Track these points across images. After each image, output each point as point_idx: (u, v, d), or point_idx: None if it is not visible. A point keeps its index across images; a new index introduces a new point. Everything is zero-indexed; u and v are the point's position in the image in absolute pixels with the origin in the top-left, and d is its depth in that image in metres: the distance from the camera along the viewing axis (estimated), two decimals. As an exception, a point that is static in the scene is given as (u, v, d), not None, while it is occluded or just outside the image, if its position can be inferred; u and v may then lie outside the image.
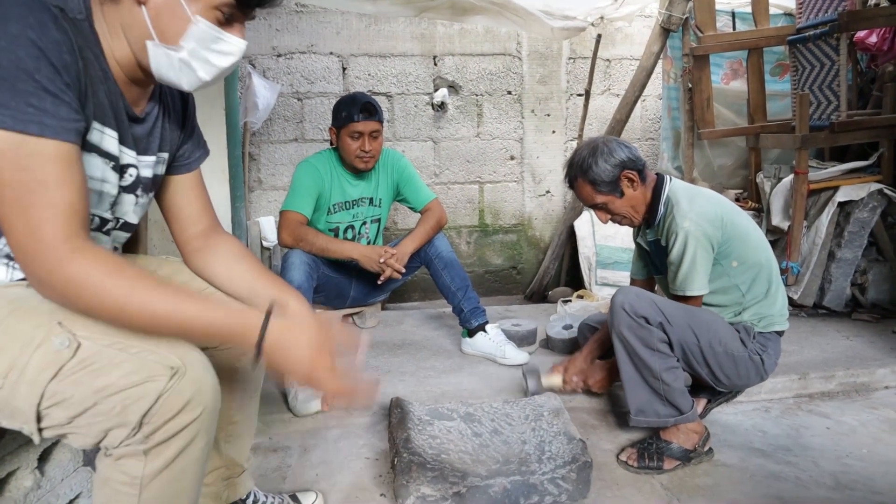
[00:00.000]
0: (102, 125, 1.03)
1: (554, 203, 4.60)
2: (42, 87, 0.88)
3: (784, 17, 3.98)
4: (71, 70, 0.93)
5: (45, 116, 0.88)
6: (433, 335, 3.05)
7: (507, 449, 1.79)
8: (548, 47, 4.40)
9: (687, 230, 1.89)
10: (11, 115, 0.86)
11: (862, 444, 2.07)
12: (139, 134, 1.14)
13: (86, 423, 0.93)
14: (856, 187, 3.13)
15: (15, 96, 0.86)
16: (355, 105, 2.58)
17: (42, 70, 0.88)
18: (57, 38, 0.90)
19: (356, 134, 2.58)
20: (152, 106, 1.18)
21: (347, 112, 2.58)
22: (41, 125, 0.88)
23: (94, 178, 1.06)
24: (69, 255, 0.89)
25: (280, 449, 2.04)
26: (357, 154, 2.61)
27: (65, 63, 0.91)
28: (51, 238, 0.88)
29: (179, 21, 1.01)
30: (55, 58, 0.89)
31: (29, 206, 0.88)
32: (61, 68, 0.90)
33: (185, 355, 0.97)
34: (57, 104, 0.90)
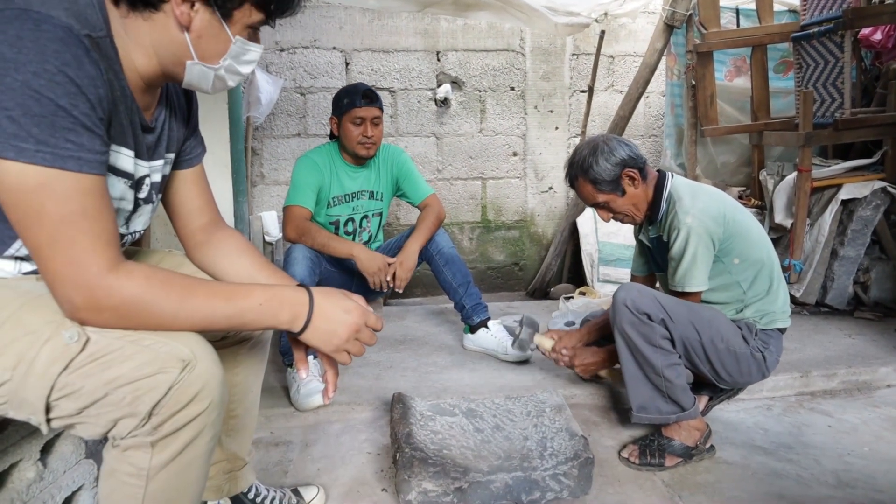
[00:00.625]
0: (120, 146, 1.04)
1: (556, 199, 4.59)
2: (80, 124, 0.89)
3: (788, 13, 3.97)
4: (104, 103, 0.94)
5: (82, 152, 0.90)
6: (435, 331, 3.05)
7: (508, 445, 1.79)
8: (551, 43, 4.40)
9: (689, 226, 1.89)
10: (52, 151, 0.87)
11: (863, 443, 2.07)
12: (151, 142, 1.15)
13: (95, 413, 0.94)
14: (859, 185, 3.12)
15: (54, 133, 0.87)
16: (357, 92, 2.61)
17: (80, 107, 0.89)
18: (92, 74, 0.91)
19: (358, 119, 2.60)
20: (160, 110, 1.18)
21: (349, 99, 2.60)
22: (79, 161, 0.89)
23: (113, 198, 1.05)
24: (119, 281, 0.92)
25: (282, 443, 2.04)
26: (359, 140, 2.62)
27: (99, 97, 0.92)
28: (97, 268, 0.91)
29: (222, 44, 1.06)
30: (91, 93, 0.90)
31: (72, 238, 0.90)
32: (96, 103, 0.92)
33: (196, 347, 0.98)
34: (93, 139, 0.92)
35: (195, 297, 0.98)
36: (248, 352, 1.44)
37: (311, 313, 1.07)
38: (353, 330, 1.10)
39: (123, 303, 0.93)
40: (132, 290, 0.93)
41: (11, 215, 0.90)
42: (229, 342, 1.40)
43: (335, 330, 1.09)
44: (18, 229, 0.90)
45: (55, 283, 0.92)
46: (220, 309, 0.99)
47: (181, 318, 0.97)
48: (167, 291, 0.96)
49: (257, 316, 1.03)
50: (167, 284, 0.97)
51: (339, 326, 1.09)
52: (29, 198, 0.88)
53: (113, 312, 0.93)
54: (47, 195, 0.88)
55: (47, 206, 0.88)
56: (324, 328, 1.08)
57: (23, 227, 0.90)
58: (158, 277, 0.97)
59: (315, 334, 1.08)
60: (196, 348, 0.98)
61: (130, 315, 0.94)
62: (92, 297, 0.92)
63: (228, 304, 1.00)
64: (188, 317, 0.97)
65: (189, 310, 0.97)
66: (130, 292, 0.93)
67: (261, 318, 1.04)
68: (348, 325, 1.09)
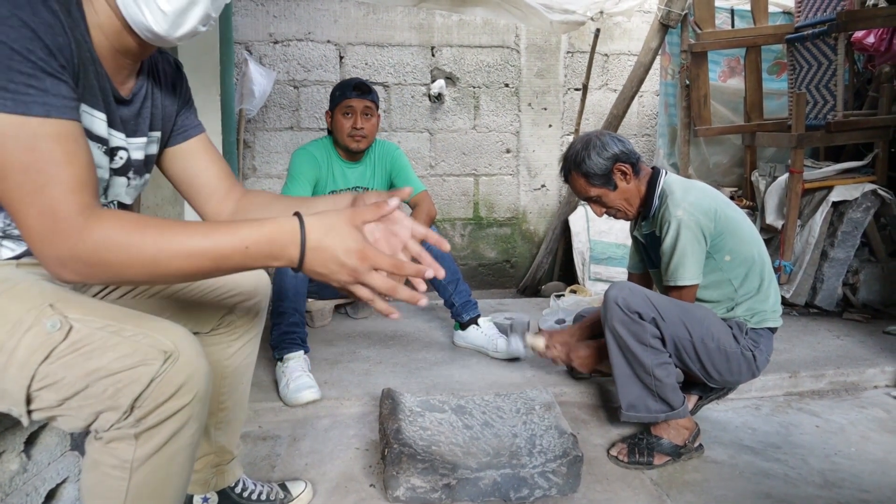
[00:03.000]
0: (92, 108, 1.02)
1: (549, 197, 4.59)
2: (40, 69, 0.87)
3: (783, 15, 3.98)
4: (65, 52, 0.91)
5: (47, 97, 0.87)
6: (425, 327, 3.05)
7: (497, 442, 1.79)
8: (546, 41, 4.39)
9: (680, 219, 1.89)
10: (12, 98, 0.85)
11: (850, 443, 2.08)
12: (127, 116, 1.12)
13: (77, 405, 0.92)
14: (850, 187, 3.14)
15: (13, 79, 0.85)
16: (349, 84, 2.61)
17: (37, 52, 0.87)
18: (49, 21, 0.89)
19: (348, 111, 2.59)
20: (140, 85, 1.15)
21: (341, 91, 2.62)
22: (45, 106, 0.87)
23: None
24: (88, 224, 0.87)
25: (270, 437, 2.03)
26: (349, 132, 2.61)
27: (58, 45, 0.90)
28: (66, 214, 0.86)
29: None
30: (49, 39, 0.88)
31: (41, 187, 0.86)
32: (55, 50, 0.89)
33: (179, 339, 0.96)
34: (57, 84, 0.89)
35: (173, 236, 0.89)
36: (238, 344, 1.43)
37: (303, 256, 0.93)
38: (351, 276, 0.93)
39: (97, 247, 0.87)
40: (101, 234, 0.87)
41: None
42: (220, 333, 1.39)
43: (331, 273, 0.94)
44: None
45: (32, 238, 0.88)
46: (202, 248, 0.90)
47: (161, 262, 0.89)
48: (142, 232, 0.88)
49: (245, 259, 0.92)
50: (143, 225, 0.89)
51: (336, 269, 0.93)
52: None
53: (87, 260, 0.87)
54: (11, 143, 0.85)
55: (12, 155, 0.86)
56: (318, 271, 0.94)
57: None
58: (133, 219, 0.90)
59: (314, 274, 0.95)
60: (179, 340, 0.96)
61: (106, 261, 0.88)
62: (65, 245, 0.87)
63: (210, 243, 0.90)
64: (168, 259, 0.89)
65: (168, 251, 0.89)
66: (98, 235, 0.87)
67: (249, 260, 0.93)
68: (347, 269, 0.93)
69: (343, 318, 3.17)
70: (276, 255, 0.93)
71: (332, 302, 3.07)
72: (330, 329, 3.00)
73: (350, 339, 2.86)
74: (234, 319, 1.39)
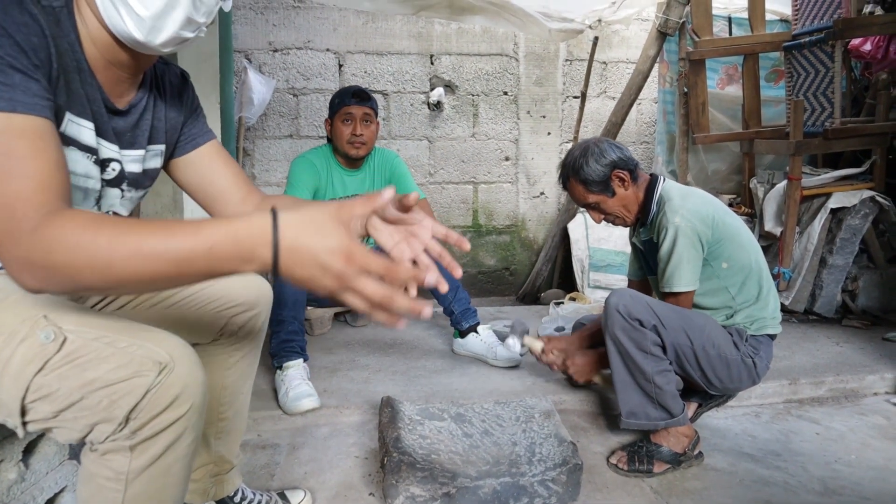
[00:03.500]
0: (78, 116, 1.01)
1: (548, 205, 4.60)
2: (8, 65, 0.86)
3: (780, 23, 4.00)
4: (39, 52, 0.90)
5: (13, 92, 0.86)
6: (424, 335, 3.04)
7: (497, 450, 1.78)
8: (545, 49, 4.40)
9: (677, 225, 1.90)
10: None
11: (850, 450, 2.07)
12: (122, 127, 1.11)
13: (71, 417, 0.92)
14: (848, 194, 3.14)
15: None
16: (348, 92, 2.63)
17: (6, 48, 0.86)
18: (23, 21, 0.88)
19: (347, 118, 2.61)
20: (140, 97, 1.14)
21: (340, 98, 2.63)
22: (11, 101, 0.85)
23: (78, 174, 1.03)
24: (42, 223, 0.80)
25: (269, 446, 2.03)
26: (348, 139, 2.62)
27: (32, 45, 0.89)
28: (22, 213, 0.81)
29: None
30: (20, 37, 0.87)
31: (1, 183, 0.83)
32: (28, 49, 0.88)
33: (174, 350, 0.95)
34: (26, 80, 0.87)
35: (129, 235, 0.79)
36: (239, 354, 1.42)
37: (276, 258, 0.79)
38: (339, 282, 0.78)
39: (49, 248, 0.79)
40: (53, 232, 0.80)
41: None
42: (221, 344, 1.39)
43: (313, 277, 0.79)
44: None
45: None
46: (160, 249, 0.79)
47: (116, 265, 0.79)
48: (95, 231, 0.80)
49: (209, 263, 0.80)
50: (98, 224, 0.81)
51: (319, 274, 0.78)
52: None
53: (41, 263, 0.80)
54: None
55: None
56: (298, 275, 0.80)
57: None
58: (89, 218, 0.82)
59: (292, 280, 0.81)
60: (174, 351, 0.95)
61: (59, 263, 0.80)
62: (21, 246, 0.81)
63: (169, 243, 0.79)
64: (124, 261, 0.79)
65: (123, 251, 0.79)
66: (50, 234, 0.80)
67: (215, 264, 0.80)
68: (331, 274, 0.78)
69: (342, 326, 3.17)
70: (246, 258, 0.80)
71: (331, 310, 3.07)
72: (329, 337, 3.00)
73: (349, 347, 2.86)
74: (235, 331, 1.38)
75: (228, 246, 0.79)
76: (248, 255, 0.79)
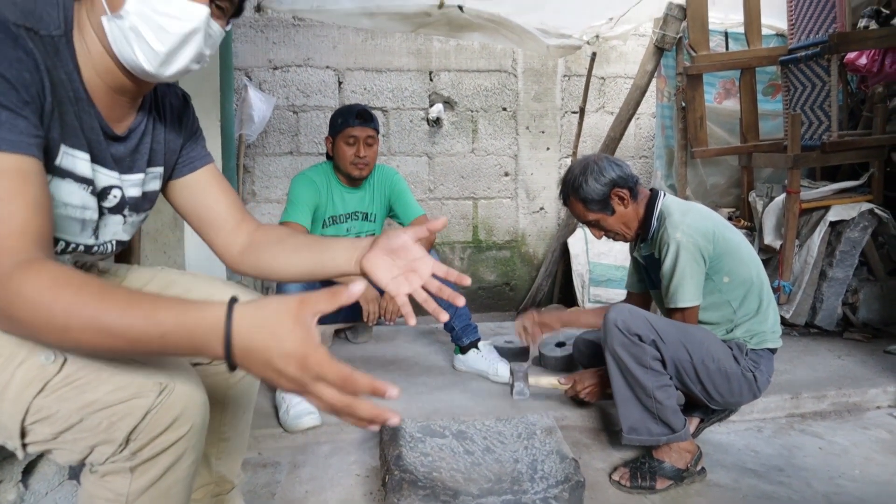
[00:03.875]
0: (73, 148, 1.00)
1: (547, 220, 4.61)
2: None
3: (776, 37, 4.02)
4: (31, 88, 0.89)
5: (2, 131, 0.85)
6: (425, 351, 3.04)
7: (499, 468, 1.77)
8: (543, 64, 4.43)
9: (678, 241, 1.90)
10: None
11: (854, 465, 2.06)
12: (121, 153, 1.10)
13: (71, 438, 0.92)
14: (847, 207, 3.15)
15: None
16: (351, 112, 2.61)
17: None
18: (15, 56, 0.87)
19: (351, 139, 2.59)
20: (139, 121, 1.14)
21: (343, 119, 2.61)
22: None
23: (74, 206, 1.02)
24: (10, 271, 0.79)
25: (270, 464, 2.02)
26: (352, 160, 2.61)
27: (23, 81, 0.88)
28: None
29: None
30: (11, 75, 0.86)
31: None
32: (19, 85, 0.87)
33: (174, 371, 0.95)
34: (14, 118, 0.86)
35: (86, 305, 0.78)
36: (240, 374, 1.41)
37: (230, 356, 0.79)
38: (295, 387, 0.78)
39: (10, 301, 0.78)
40: (20, 287, 0.78)
41: None
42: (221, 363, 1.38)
43: (271, 379, 0.79)
44: None
45: None
46: (114, 327, 0.78)
47: (73, 332, 0.78)
48: (55, 292, 0.78)
49: (163, 347, 0.79)
50: (60, 285, 0.78)
51: (275, 377, 0.78)
52: None
53: (5, 315, 0.79)
54: None
55: None
56: (256, 373, 0.80)
57: None
58: (54, 274, 0.80)
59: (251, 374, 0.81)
60: (175, 371, 0.95)
61: (18, 319, 0.79)
62: None
63: (123, 322, 0.78)
64: (80, 331, 0.78)
65: (78, 321, 0.77)
66: (14, 287, 0.78)
67: (170, 349, 0.80)
68: (287, 378, 0.77)
69: (343, 343, 3.16)
70: (198, 350, 0.79)
71: (332, 326, 3.07)
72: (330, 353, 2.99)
73: (350, 363, 2.78)
74: None
75: (181, 337, 0.78)
76: (200, 347, 0.79)
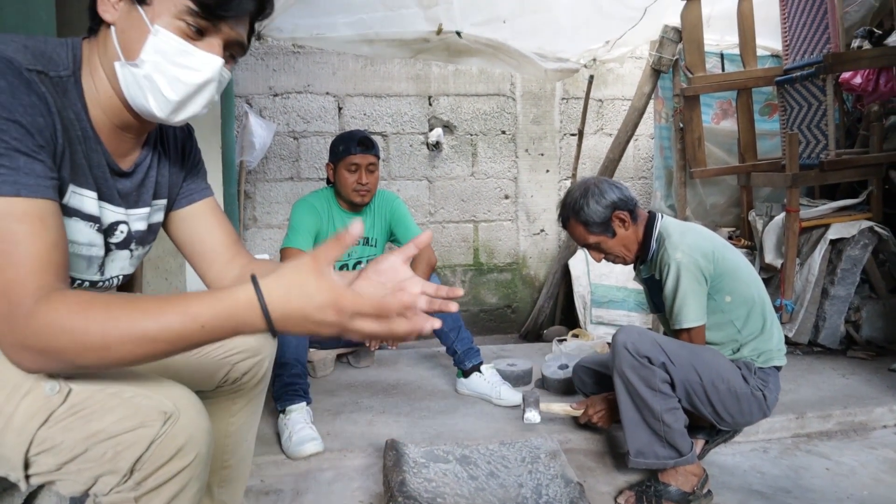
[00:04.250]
0: (81, 187, 1.01)
1: (548, 242, 4.62)
2: (13, 148, 0.86)
3: (771, 58, 4.07)
4: (45, 132, 0.91)
5: (17, 175, 0.86)
6: (428, 375, 3.03)
7: (503, 493, 1.76)
8: (541, 88, 4.48)
9: (678, 261, 1.91)
10: None
11: (862, 486, 2.04)
12: (127, 189, 1.12)
13: (76, 469, 0.91)
14: (847, 225, 3.16)
15: None
16: (353, 139, 2.63)
17: (11, 132, 0.86)
18: (29, 102, 0.89)
19: (353, 167, 2.62)
20: (144, 156, 1.15)
21: (345, 146, 2.63)
22: (15, 185, 0.86)
23: (81, 244, 1.03)
24: (36, 308, 0.82)
25: (272, 492, 2.00)
26: (354, 187, 2.63)
27: (38, 125, 0.89)
28: (17, 298, 0.82)
29: (138, 32, 0.96)
30: (26, 120, 0.88)
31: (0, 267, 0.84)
32: (34, 130, 0.89)
33: (179, 400, 0.95)
34: (31, 163, 0.88)
35: (120, 319, 0.83)
36: (242, 401, 1.41)
37: (271, 324, 0.85)
38: (337, 330, 0.86)
39: (43, 333, 0.82)
40: (45, 317, 0.82)
41: None
42: (224, 391, 1.38)
43: (314, 331, 0.86)
44: None
45: None
46: (153, 332, 0.83)
47: (112, 348, 0.83)
48: (86, 314, 0.82)
49: (205, 336, 0.85)
50: (88, 306, 0.83)
51: (317, 329, 0.86)
52: None
53: (37, 348, 0.83)
54: None
55: None
56: (298, 331, 0.87)
57: None
58: (81, 300, 0.84)
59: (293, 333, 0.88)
60: (179, 400, 0.95)
61: (54, 348, 0.82)
62: (16, 332, 0.82)
63: (160, 325, 0.83)
64: (119, 345, 0.83)
65: (116, 335, 0.82)
66: (42, 319, 0.82)
67: (212, 336, 0.86)
68: (328, 326, 0.85)
69: (345, 368, 3.15)
70: (240, 329, 0.86)
71: (334, 351, 3.06)
72: (332, 379, 2.98)
73: (352, 388, 2.84)
74: (239, 377, 1.36)
75: (220, 322, 0.85)
76: (241, 326, 0.86)
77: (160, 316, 0.83)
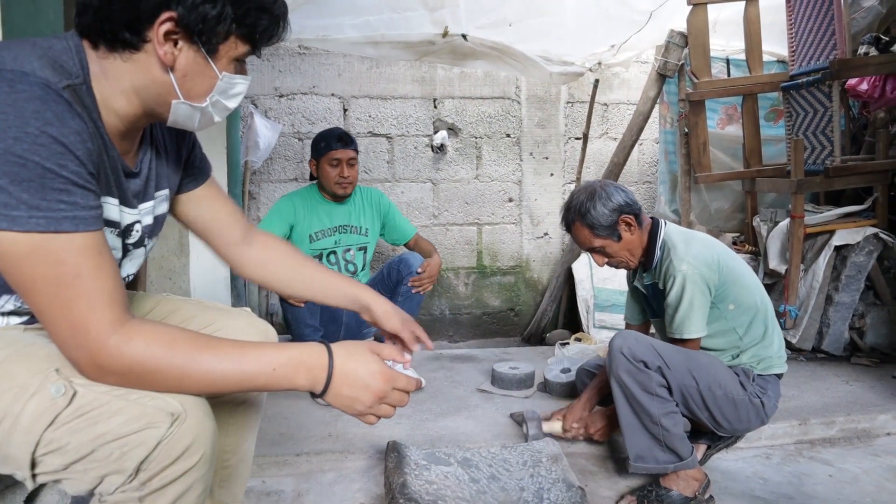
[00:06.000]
0: (107, 196, 1.02)
1: (552, 245, 4.61)
2: (71, 182, 0.87)
3: (777, 63, 4.06)
4: (93, 156, 0.92)
5: (76, 210, 0.88)
6: (430, 376, 3.02)
7: (504, 496, 1.76)
8: (546, 91, 4.47)
9: (685, 273, 1.90)
10: (44, 215, 0.85)
11: (865, 493, 2.03)
12: (138, 188, 1.13)
13: (82, 469, 0.91)
14: (851, 231, 3.15)
15: (45, 196, 0.85)
16: (333, 136, 2.86)
17: (68, 166, 0.87)
18: (77, 128, 0.89)
19: (335, 161, 2.84)
20: (144, 151, 1.15)
21: (326, 142, 2.85)
22: (74, 220, 0.87)
23: None
24: (118, 342, 0.89)
25: (273, 492, 2.00)
26: (336, 180, 2.86)
27: (88, 151, 0.90)
28: (96, 332, 0.89)
29: (208, 80, 1.03)
30: (79, 150, 0.88)
31: (69, 301, 0.88)
32: (85, 159, 0.90)
33: (186, 400, 0.95)
34: (86, 195, 0.90)
35: (201, 361, 0.94)
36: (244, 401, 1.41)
37: (329, 378, 1.00)
38: (376, 397, 1.03)
39: (126, 366, 0.90)
40: (134, 353, 0.90)
41: (10, 280, 0.89)
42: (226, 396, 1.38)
43: (357, 397, 1.02)
44: (20, 293, 0.89)
45: (61, 346, 0.91)
46: (230, 373, 0.95)
47: (187, 383, 0.94)
48: (171, 352, 0.92)
49: (270, 381, 0.98)
50: (172, 346, 0.93)
51: (362, 393, 1.02)
52: (22, 263, 0.86)
53: (117, 376, 0.91)
54: (40, 259, 0.86)
55: (39, 270, 0.86)
56: (345, 394, 1.01)
57: (22, 291, 0.88)
58: (163, 338, 0.93)
59: (336, 400, 1.02)
60: (186, 400, 0.95)
61: (134, 379, 0.92)
62: (94, 361, 0.89)
63: (238, 368, 0.96)
64: (195, 382, 0.94)
65: (196, 374, 0.94)
66: (132, 355, 0.90)
67: (274, 382, 0.98)
68: (372, 391, 1.02)
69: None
70: (302, 377, 1.00)
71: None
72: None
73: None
74: None
75: (290, 367, 0.99)
76: (305, 374, 1.00)
77: (241, 357, 0.97)
